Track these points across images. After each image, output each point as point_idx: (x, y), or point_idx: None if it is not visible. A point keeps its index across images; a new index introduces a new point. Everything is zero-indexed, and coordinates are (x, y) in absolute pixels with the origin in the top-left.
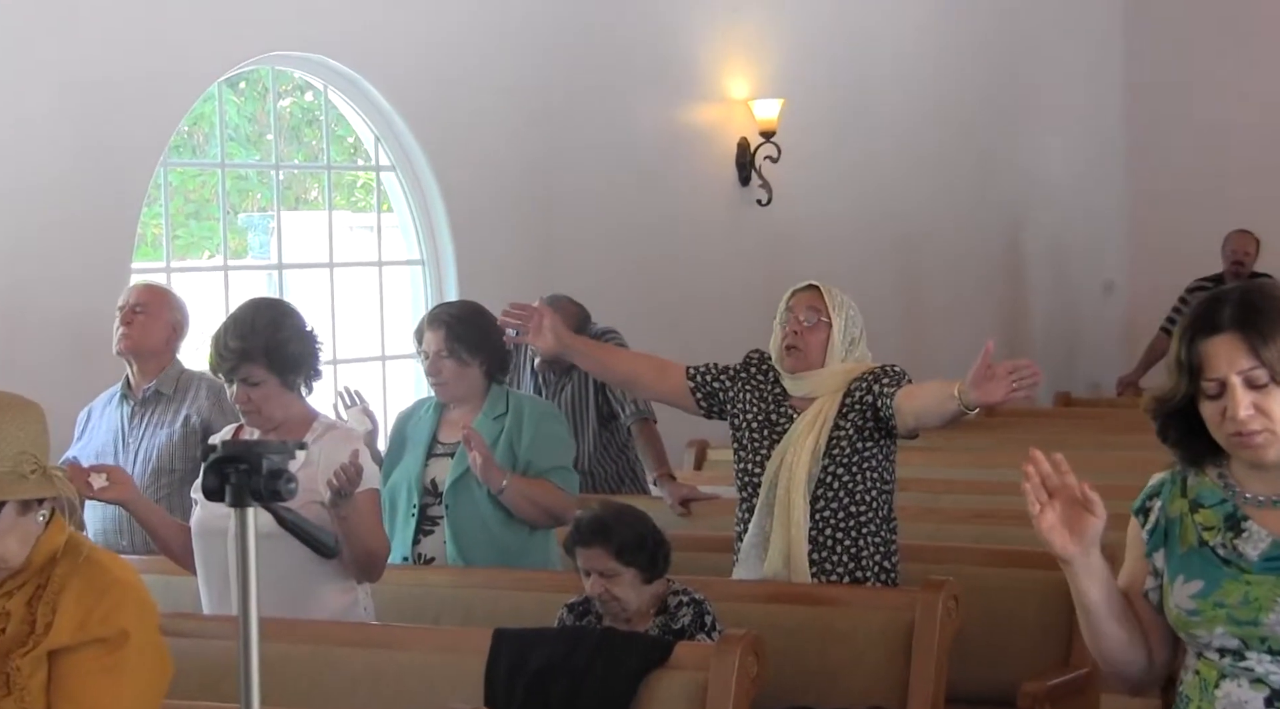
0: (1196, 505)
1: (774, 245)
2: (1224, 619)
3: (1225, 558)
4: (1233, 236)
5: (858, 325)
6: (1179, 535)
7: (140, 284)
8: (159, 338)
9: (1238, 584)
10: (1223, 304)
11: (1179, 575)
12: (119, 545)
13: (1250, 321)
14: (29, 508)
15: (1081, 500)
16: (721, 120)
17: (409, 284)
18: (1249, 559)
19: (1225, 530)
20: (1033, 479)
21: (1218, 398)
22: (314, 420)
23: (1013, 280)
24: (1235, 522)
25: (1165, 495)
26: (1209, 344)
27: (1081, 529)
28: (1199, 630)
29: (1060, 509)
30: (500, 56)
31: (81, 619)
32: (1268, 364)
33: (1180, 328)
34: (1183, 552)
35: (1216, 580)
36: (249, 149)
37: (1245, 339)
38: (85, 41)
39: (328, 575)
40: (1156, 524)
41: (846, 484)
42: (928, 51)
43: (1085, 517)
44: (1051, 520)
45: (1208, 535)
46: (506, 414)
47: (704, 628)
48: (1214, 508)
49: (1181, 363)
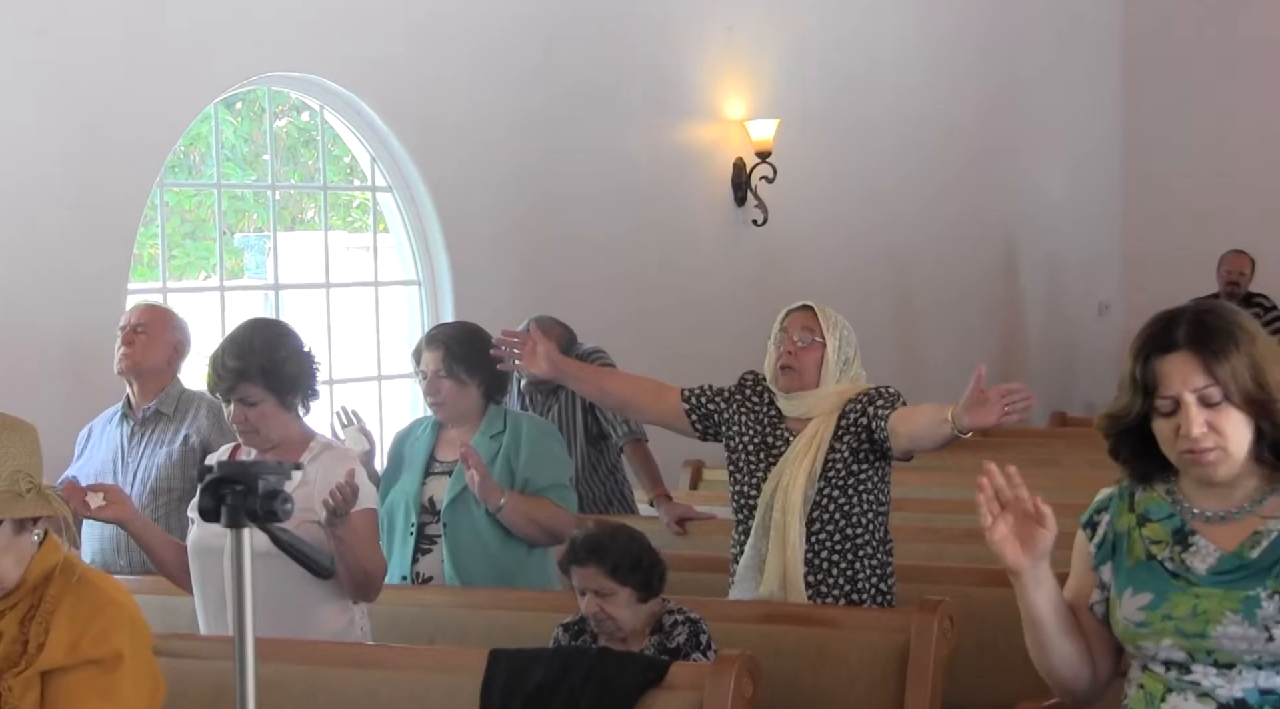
0: (1144, 520)
1: (769, 265)
2: (1172, 631)
3: (1173, 571)
4: (1228, 257)
5: (852, 345)
6: (1127, 549)
7: (142, 304)
8: (160, 358)
9: (1186, 597)
10: (1177, 323)
11: (1128, 588)
12: (117, 565)
13: (1204, 340)
14: (24, 527)
15: (1033, 514)
16: (717, 140)
17: (405, 304)
18: (1197, 573)
19: (1173, 544)
20: (986, 491)
21: (1171, 415)
22: (311, 440)
23: (1008, 300)
24: (1183, 536)
25: (1113, 510)
26: (1164, 362)
27: (1032, 542)
28: (1146, 642)
29: (1012, 522)
30: (496, 76)
31: (74, 640)
32: (1221, 383)
33: (1135, 346)
34: (1130, 565)
35: (1165, 593)
36: (245, 169)
37: (1200, 358)
38: (82, 61)
39: (324, 596)
40: (1104, 538)
41: (842, 506)
42: (924, 72)
43: (1036, 530)
44: (1003, 532)
45: (1156, 549)
46: (504, 433)
47: (699, 647)
48: (1162, 522)
49: (1136, 380)
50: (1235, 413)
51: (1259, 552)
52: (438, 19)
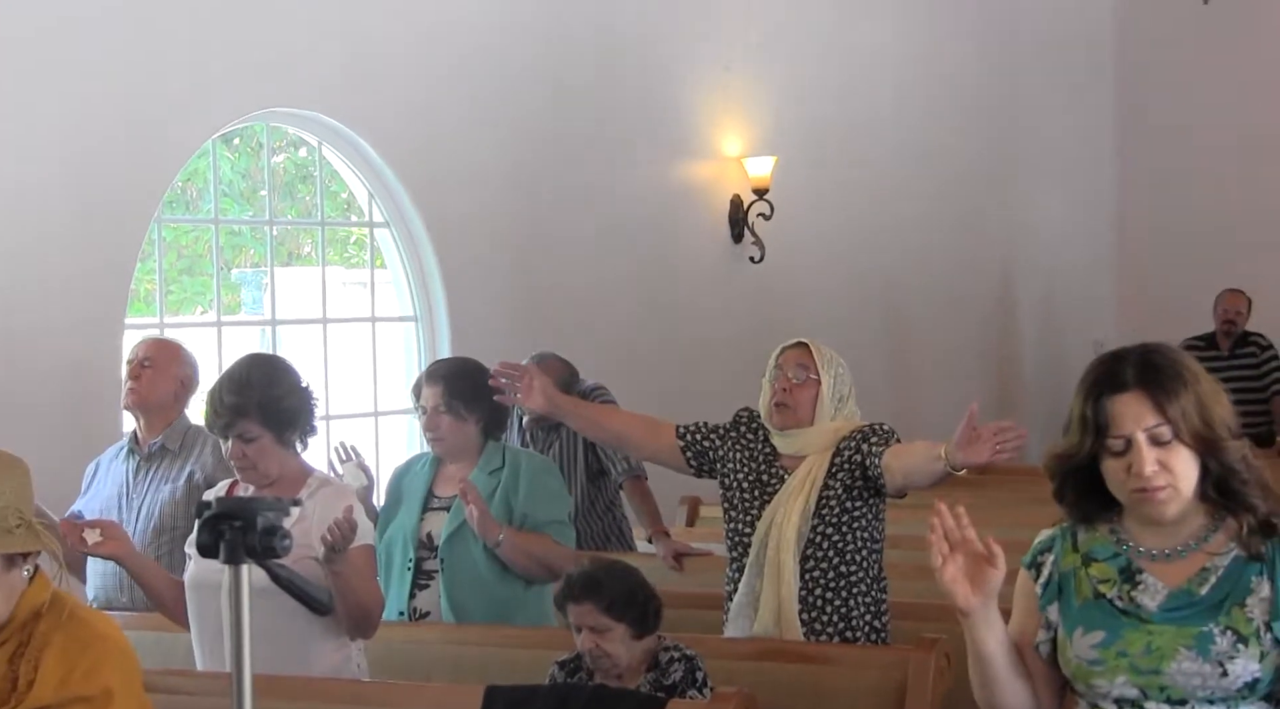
0: (1089, 559)
1: (767, 302)
2: (1126, 668)
3: (1123, 609)
4: (1225, 296)
5: (846, 383)
6: (1074, 588)
7: (150, 339)
8: (166, 392)
9: (1139, 634)
10: (1125, 362)
11: (1078, 627)
12: (119, 602)
13: (1155, 380)
14: (13, 563)
15: (984, 554)
16: (714, 177)
17: (402, 340)
18: (1148, 610)
19: (1121, 582)
20: (936, 532)
21: (1122, 455)
22: (309, 476)
23: (1003, 337)
24: (1131, 574)
25: (1057, 550)
26: (1115, 402)
27: (982, 581)
28: (1100, 680)
29: (962, 562)
30: (494, 113)
31: (64, 676)
32: (1172, 421)
33: (1084, 386)
34: (1079, 604)
35: (1117, 631)
36: (243, 205)
37: (1151, 397)
38: (80, 98)
39: (321, 632)
40: (1050, 578)
41: (836, 544)
42: (919, 109)
43: (986, 569)
44: (953, 572)
45: (1104, 587)
46: (503, 469)
47: (696, 684)
48: (1108, 561)
49: (1086, 420)
50: (1184, 451)
51: (1208, 588)
52: (436, 56)
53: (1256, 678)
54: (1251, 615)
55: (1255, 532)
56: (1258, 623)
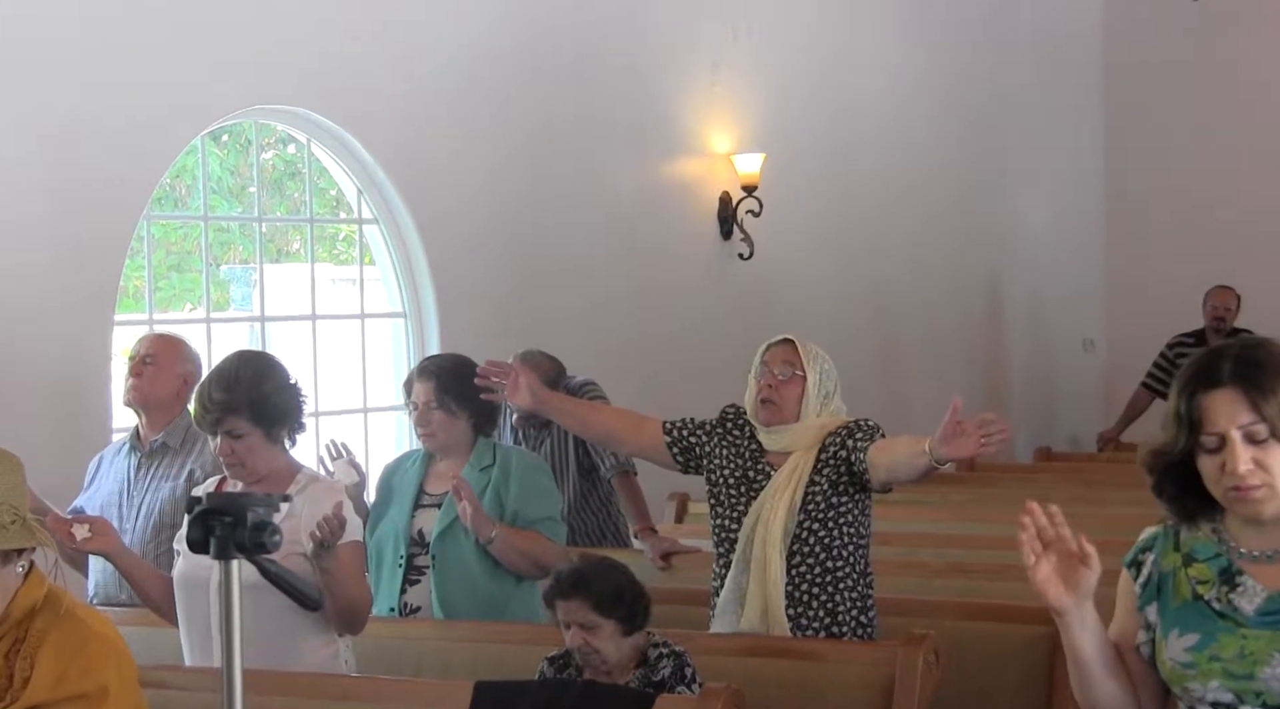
0: (1190, 559)
1: (756, 299)
2: (1219, 673)
3: (1220, 612)
4: (1214, 292)
5: (832, 379)
6: (1173, 589)
7: (152, 335)
8: (168, 389)
9: (1233, 638)
10: (1223, 359)
11: (1173, 629)
12: (118, 599)
13: (1251, 377)
14: (8, 560)
15: (1077, 553)
16: (704, 174)
17: (391, 337)
18: (1245, 613)
19: (1220, 584)
20: (1028, 530)
21: (1217, 452)
22: (297, 472)
23: (992, 335)
24: (1230, 576)
25: (1158, 549)
26: (1209, 398)
27: (1076, 581)
28: (1194, 684)
29: (1055, 561)
30: (482, 110)
31: (60, 674)
32: (1268, 419)
33: (1180, 382)
34: (1176, 605)
35: (1212, 634)
36: (231, 202)
37: (1246, 394)
38: (68, 94)
39: (309, 628)
40: (1149, 578)
41: (822, 539)
42: (908, 106)
43: (1079, 569)
44: (1046, 572)
45: (1202, 589)
46: (493, 466)
47: (684, 680)
48: (1208, 562)
49: (1181, 416)
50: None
51: None
52: (425, 53)
53: None
54: None
55: None
56: None
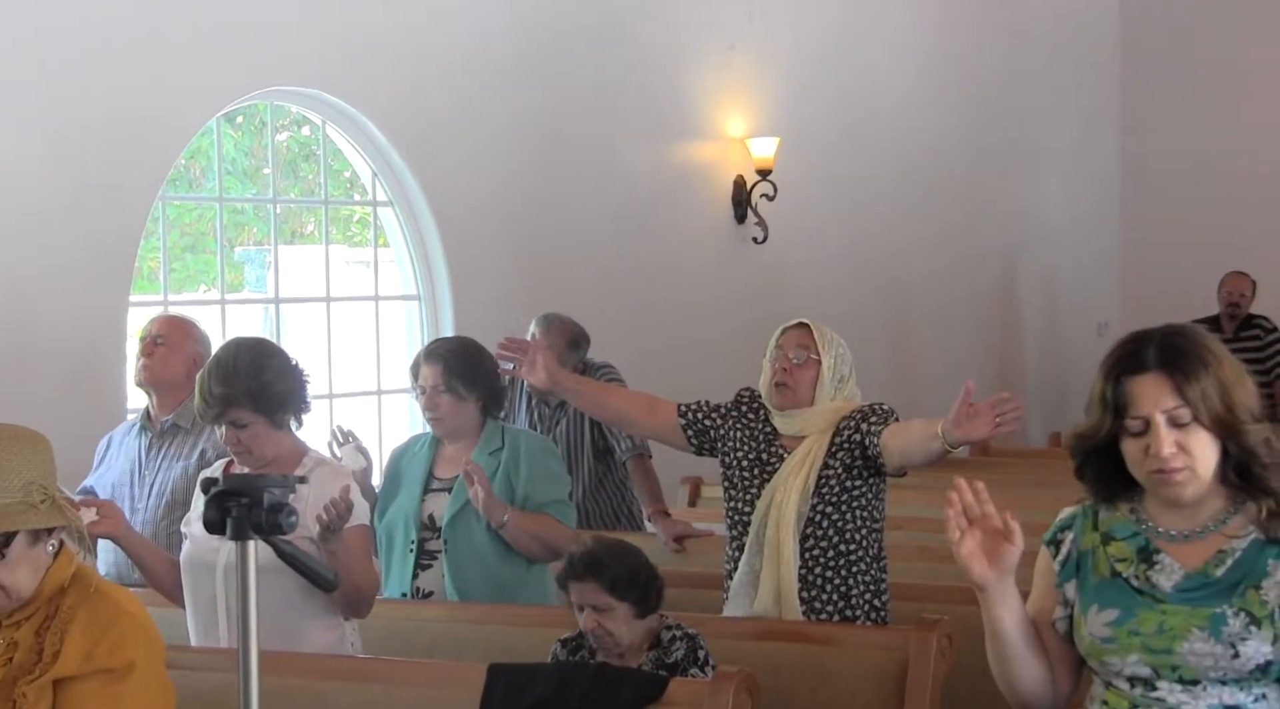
0: (1109, 538)
1: (769, 283)
2: (1138, 647)
3: (1139, 588)
4: (1229, 279)
5: (847, 363)
6: (1091, 566)
7: (163, 315)
8: (179, 370)
9: (1153, 613)
10: (1147, 344)
11: (1093, 605)
12: (131, 579)
13: (1175, 362)
14: (39, 538)
15: (1002, 530)
16: (718, 158)
17: (405, 319)
18: (1163, 590)
19: (1138, 562)
20: (955, 507)
21: (1141, 435)
22: (304, 456)
23: (1006, 320)
24: (1148, 554)
25: (1077, 528)
26: (1134, 383)
27: (999, 557)
28: (1112, 658)
29: (980, 537)
30: (497, 94)
31: (88, 650)
32: (1191, 403)
33: (1104, 366)
34: (1095, 582)
35: (1131, 609)
36: (246, 183)
37: (1170, 379)
38: (83, 76)
39: (315, 611)
40: (1068, 556)
41: (836, 523)
42: (923, 92)
43: (1003, 545)
44: (970, 547)
45: (1121, 566)
46: (503, 449)
47: (697, 662)
48: (1127, 540)
49: (1106, 401)
50: (1204, 434)
51: (1224, 570)
52: (440, 36)
53: (1269, 660)
54: (1266, 599)
55: (1275, 515)
56: (1272, 606)
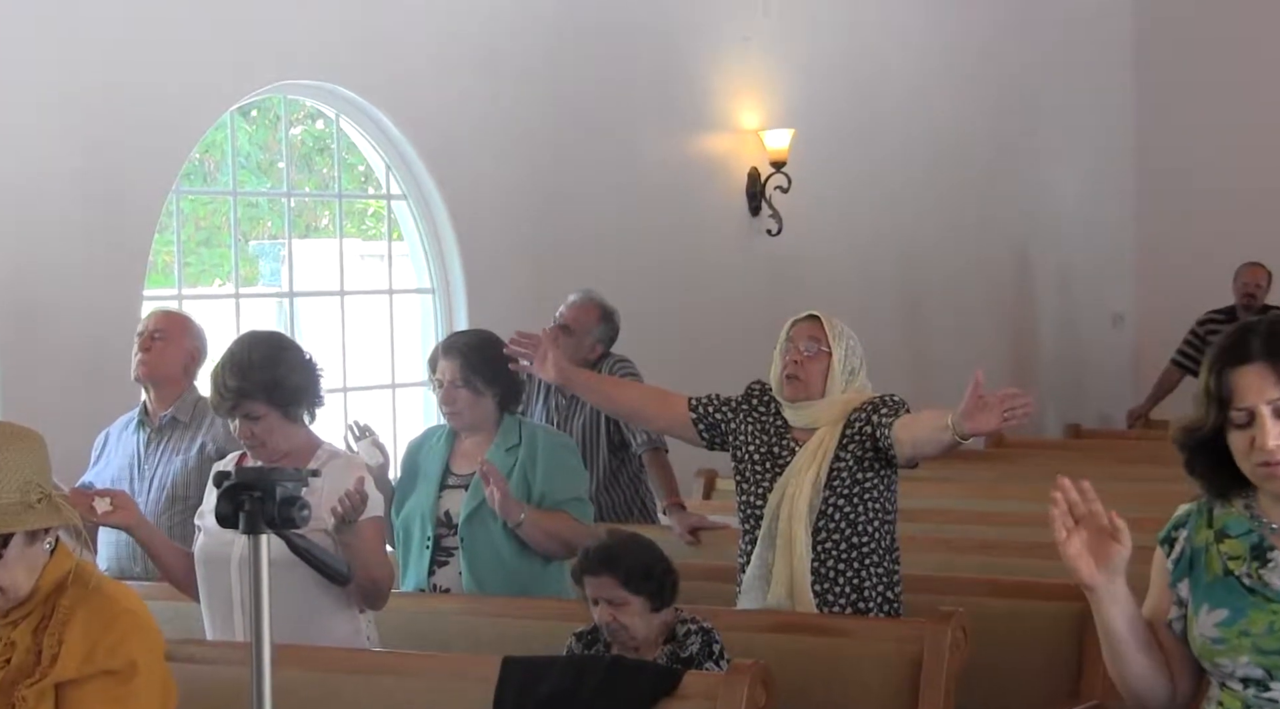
0: (1222, 535)
1: (784, 275)
2: (1249, 648)
3: (1250, 587)
4: (1245, 269)
5: (857, 355)
6: (1205, 565)
7: (159, 311)
8: (176, 365)
9: (1263, 613)
10: (1252, 334)
11: (1204, 604)
12: (133, 572)
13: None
14: (35, 537)
15: (1108, 529)
16: (732, 150)
17: (419, 312)
18: (1275, 589)
19: (1251, 560)
20: (1060, 506)
21: (1246, 427)
22: (318, 448)
23: (1021, 311)
24: (1261, 551)
25: (1191, 526)
26: (1238, 374)
27: (1106, 557)
28: (1223, 659)
29: (1085, 537)
30: (511, 86)
31: (88, 651)
32: None
33: (1209, 358)
34: (1208, 581)
35: (1242, 609)
36: (260, 177)
37: (1275, 369)
38: (97, 70)
39: (331, 604)
40: (1182, 554)
41: (848, 515)
42: (937, 82)
43: (1110, 545)
44: (1077, 547)
45: (1233, 565)
46: (520, 445)
47: (712, 656)
48: (1240, 538)
49: (1210, 393)
50: None
51: None
52: (453, 28)
53: None
54: None
55: None
56: None
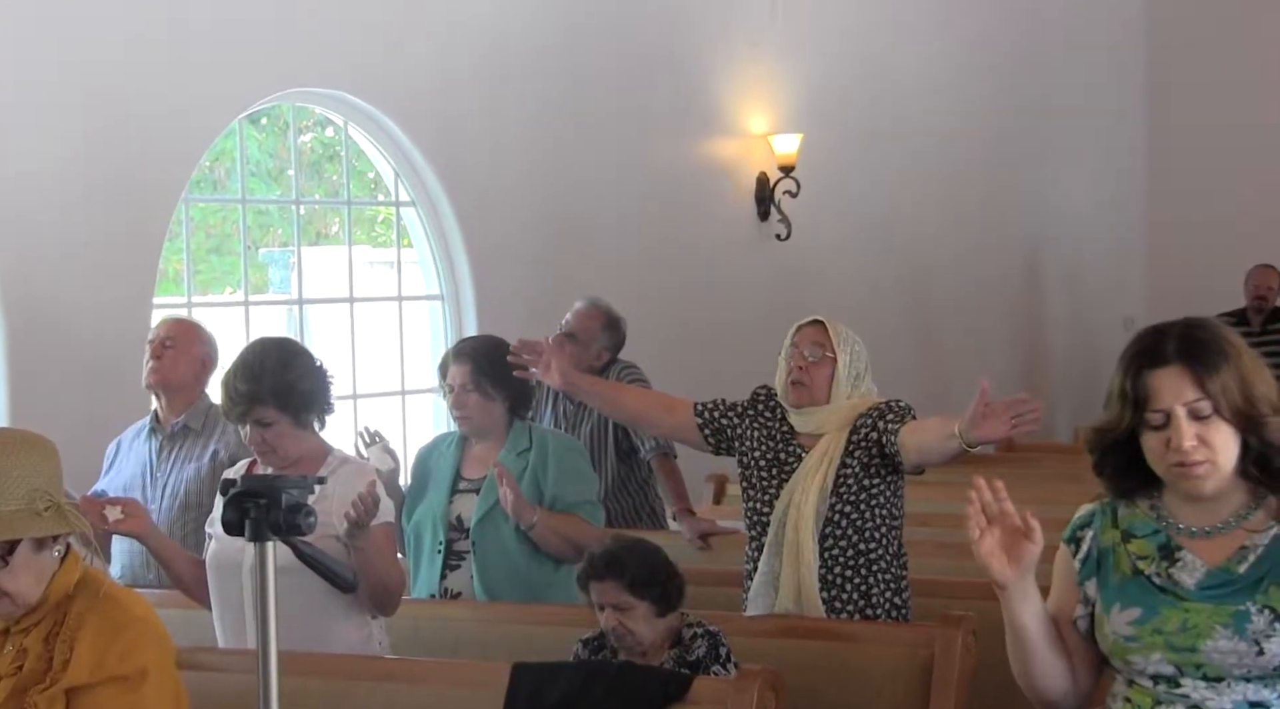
0: (1129, 535)
1: (793, 279)
2: (1162, 645)
3: (1161, 586)
4: (1255, 271)
5: (862, 360)
6: (1112, 564)
7: (170, 318)
8: (188, 372)
9: (1176, 611)
10: (1167, 337)
11: (1115, 603)
12: (145, 579)
13: (1195, 354)
14: (44, 545)
15: (1021, 528)
16: (741, 155)
17: (428, 319)
18: (1185, 587)
19: (1160, 560)
20: (974, 505)
21: (1161, 429)
22: (328, 455)
23: (1031, 315)
24: (1169, 551)
25: (1097, 525)
26: (1154, 376)
27: (1019, 555)
28: (1136, 657)
29: (999, 535)
30: (519, 92)
31: (99, 657)
32: (1212, 396)
33: (1124, 360)
34: (1117, 580)
35: (1154, 608)
36: (270, 184)
37: (1191, 371)
38: (107, 78)
39: (342, 610)
40: (1089, 554)
41: (855, 521)
42: (946, 86)
43: (1023, 543)
44: (990, 546)
45: (1142, 564)
46: (530, 450)
47: (719, 660)
48: (1147, 538)
49: (1126, 394)
50: (1224, 427)
51: (1247, 566)
52: (462, 36)
53: None
54: None
55: None
56: None
